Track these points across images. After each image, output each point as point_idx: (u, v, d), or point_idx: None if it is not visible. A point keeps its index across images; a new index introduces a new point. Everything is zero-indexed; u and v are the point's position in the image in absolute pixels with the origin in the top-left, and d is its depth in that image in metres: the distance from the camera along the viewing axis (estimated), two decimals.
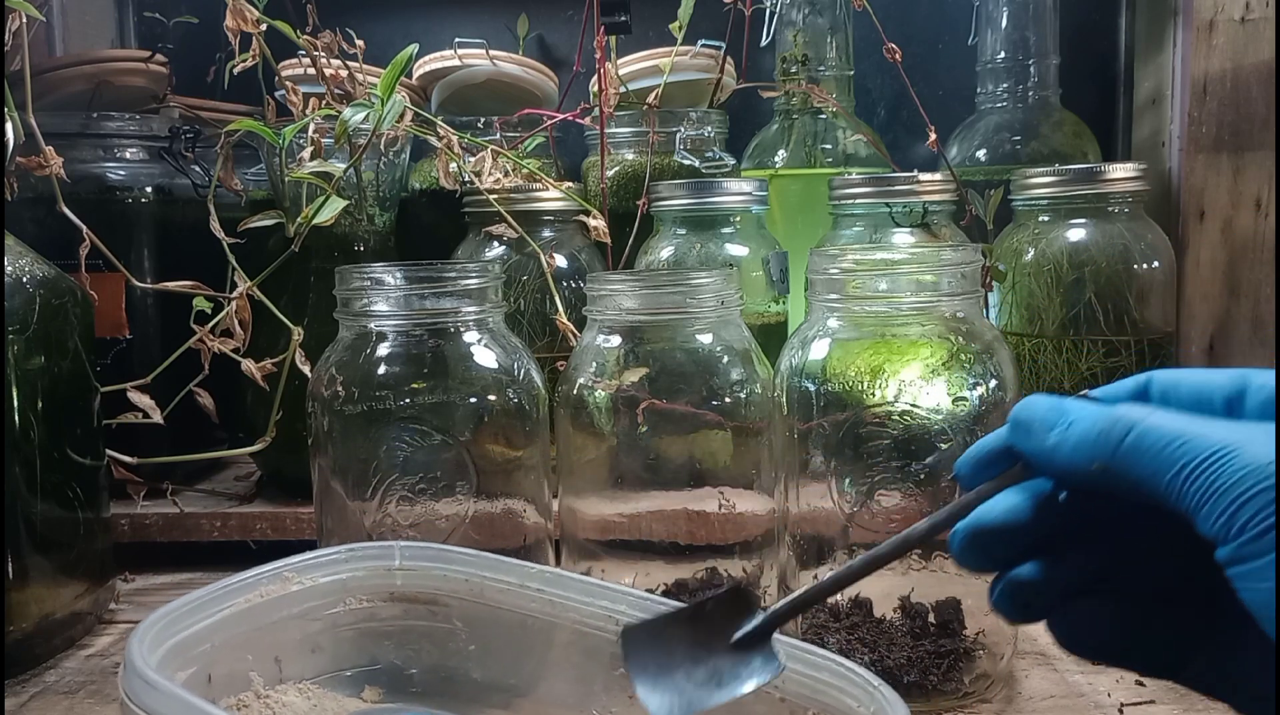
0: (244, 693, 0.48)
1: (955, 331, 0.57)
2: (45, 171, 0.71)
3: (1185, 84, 0.98)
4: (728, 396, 0.60)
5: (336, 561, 0.52)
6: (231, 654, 0.48)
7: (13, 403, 0.60)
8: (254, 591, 0.49)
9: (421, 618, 0.53)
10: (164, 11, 1.08)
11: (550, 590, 0.50)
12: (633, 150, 0.89)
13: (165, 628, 0.44)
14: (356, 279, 0.60)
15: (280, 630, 0.50)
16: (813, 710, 0.43)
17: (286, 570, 0.50)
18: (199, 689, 0.46)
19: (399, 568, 0.53)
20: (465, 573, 0.52)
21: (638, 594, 0.48)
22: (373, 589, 0.53)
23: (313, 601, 0.51)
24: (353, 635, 0.52)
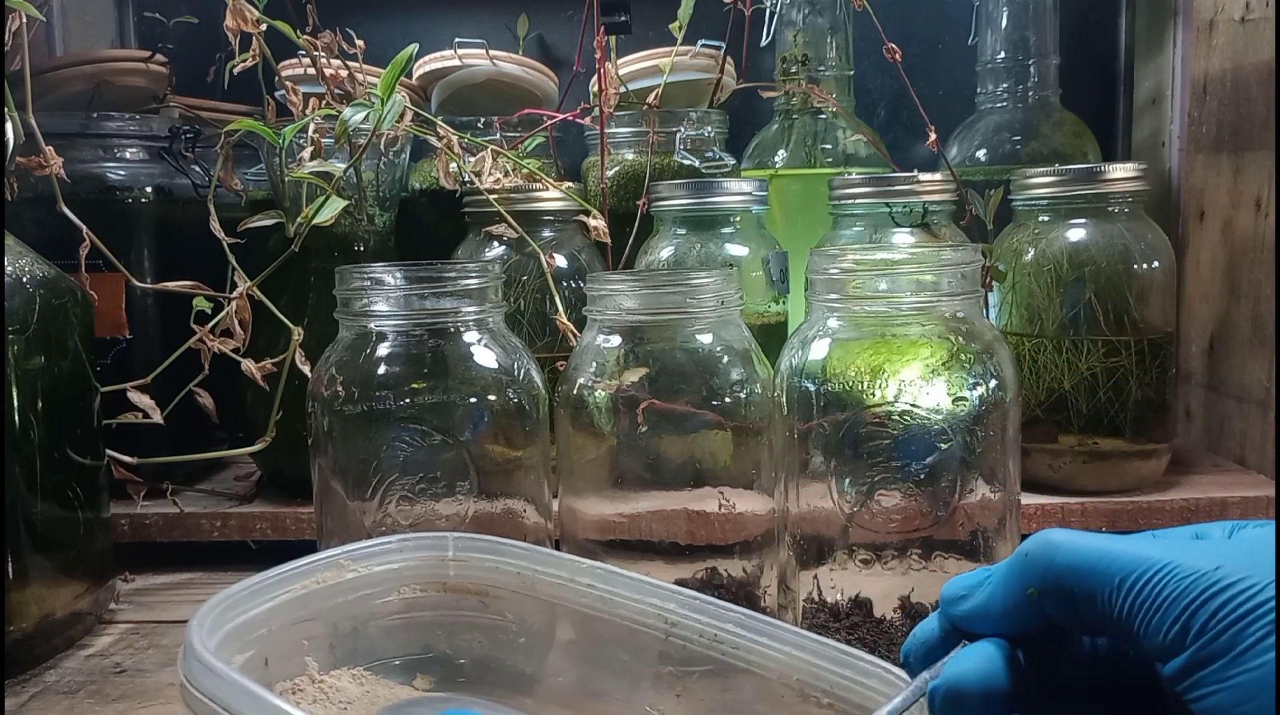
0: (299, 677, 0.49)
1: (955, 331, 0.57)
2: (45, 171, 0.71)
3: (1185, 84, 0.98)
4: (728, 396, 0.60)
5: (390, 551, 0.53)
6: (287, 639, 0.49)
7: (13, 403, 0.60)
8: (310, 578, 0.50)
9: (473, 609, 0.53)
10: (164, 11, 1.08)
11: (601, 586, 0.50)
12: (633, 150, 0.89)
13: (224, 612, 0.45)
14: (356, 279, 0.60)
15: (335, 616, 0.51)
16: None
17: (342, 558, 0.51)
18: (256, 672, 0.46)
19: (452, 558, 0.53)
20: (517, 566, 0.52)
21: (688, 593, 0.48)
22: (426, 579, 0.53)
23: (367, 589, 0.51)
24: (405, 624, 0.53)
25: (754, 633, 0.45)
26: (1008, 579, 0.32)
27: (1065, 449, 0.79)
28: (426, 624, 0.53)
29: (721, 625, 0.46)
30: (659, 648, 0.48)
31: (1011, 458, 0.58)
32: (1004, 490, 0.57)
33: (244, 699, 0.37)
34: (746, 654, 0.45)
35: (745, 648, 0.45)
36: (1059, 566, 0.30)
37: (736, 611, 0.46)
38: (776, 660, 0.44)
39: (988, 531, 0.57)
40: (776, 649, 0.44)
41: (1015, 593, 0.31)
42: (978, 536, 0.57)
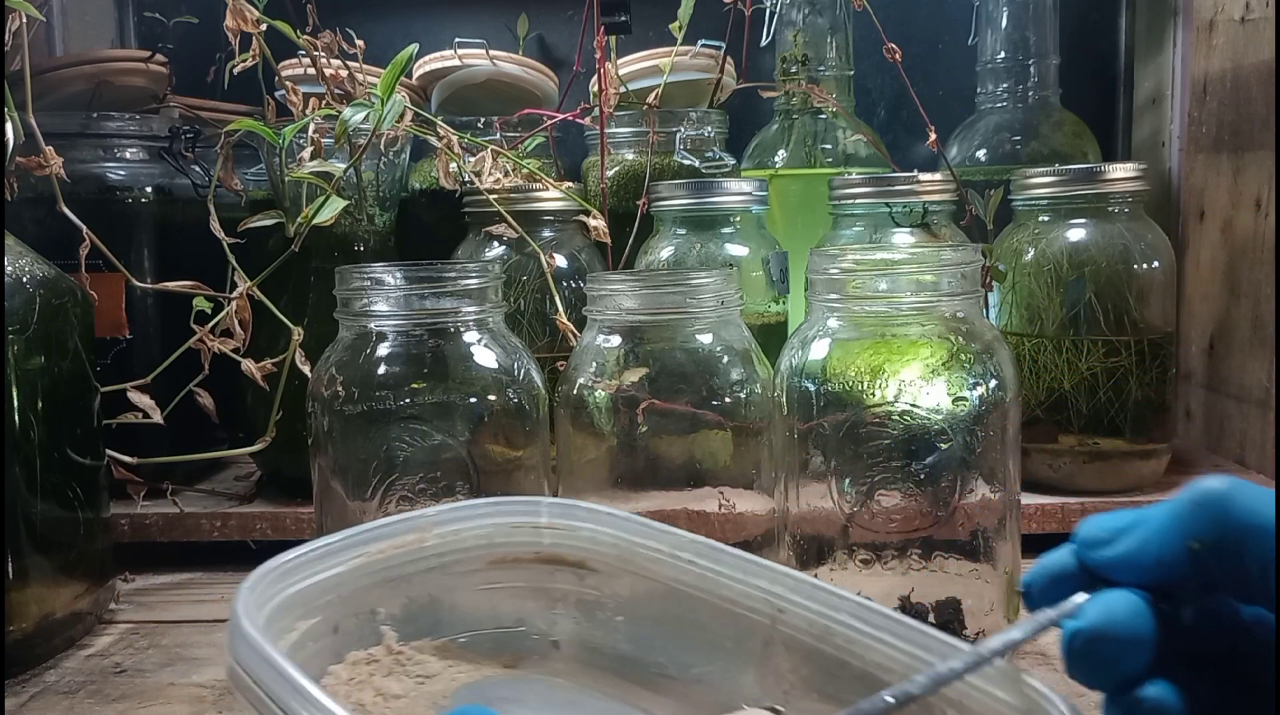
0: (374, 647, 0.45)
1: (955, 331, 0.57)
2: (45, 171, 0.71)
3: (1185, 84, 0.98)
4: (728, 396, 0.60)
5: (479, 515, 0.48)
6: (361, 605, 0.45)
7: (13, 403, 0.60)
8: (388, 541, 0.45)
9: (569, 582, 0.48)
10: (164, 11, 1.08)
11: (703, 562, 0.45)
12: (633, 150, 0.89)
13: (284, 575, 0.41)
14: (356, 279, 0.60)
15: (416, 584, 0.46)
16: None
17: (425, 521, 0.47)
18: (323, 639, 0.43)
19: (546, 525, 0.49)
20: (615, 536, 0.47)
21: (799, 576, 0.43)
22: (519, 546, 0.48)
23: (453, 555, 0.47)
24: (494, 594, 0.48)
25: (871, 626, 0.40)
26: (1166, 527, 0.29)
27: (1065, 449, 0.79)
28: (518, 595, 0.48)
29: (834, 615, 0.41)
30: (764, 635, 0.43)
31: (1011, 458, 0.58)
32: (1004, 490, 0.57)
33: (277, 677, 0.33)
34: (862, 650, 0.41)
35: (860, 643, 0.41)
36: (1235, 522, 0.27)
37: (851, 600, 0.41)
38: (896, 660, 0.39)
39: (988, 531, 0.57)
40: (898, 647, 0.40)
41: (1173, 543, 0.29)
42: (978, 536, 0.57)
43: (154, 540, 0.78)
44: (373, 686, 0.43)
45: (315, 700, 0.32)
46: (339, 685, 0.43)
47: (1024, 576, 0.33)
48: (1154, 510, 0.30)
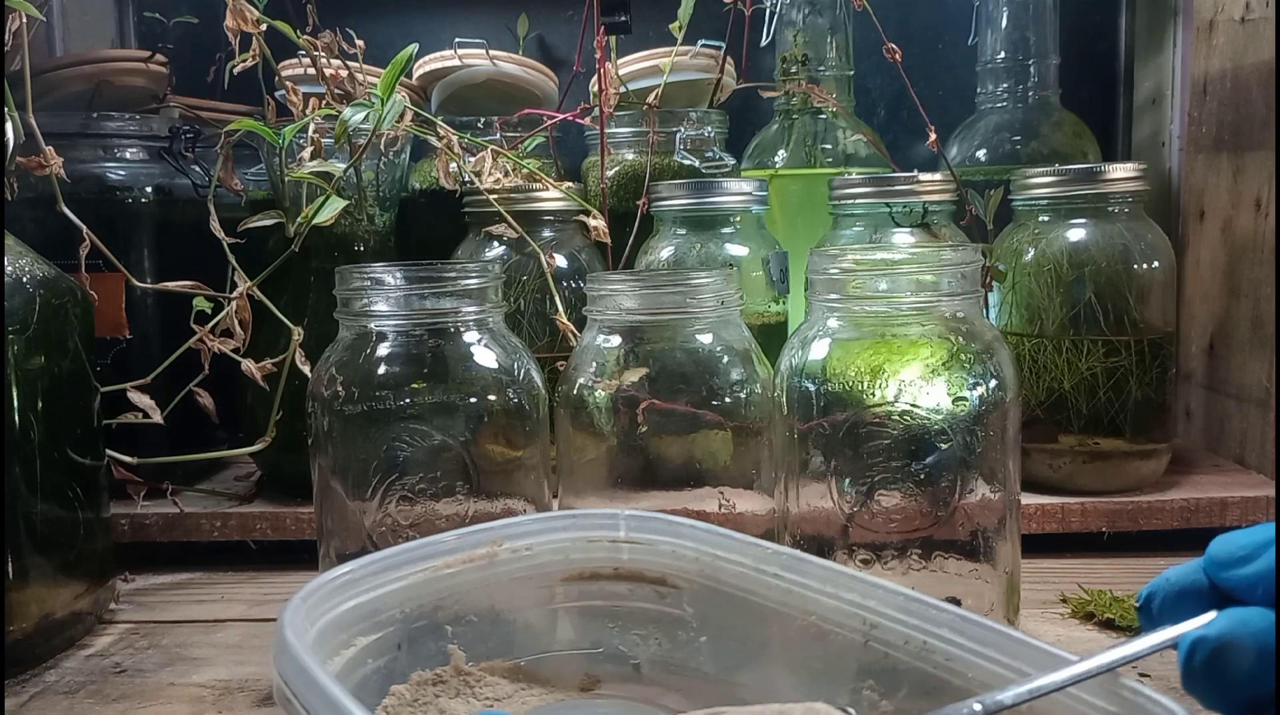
0: (441, 667, 0.43)
1: (955, 331, 0.57)
2: (45, 171, 0.71)
3: (1185, 84, 0.98)
4: (728, 396, 0.60)
5: (556, 528, 0.46)
6: (428, 622, 0.43)
7: (13, 403, 0.60)
8: (458, 555, 0.44)
9: (649, 600, 0.46)
10: (164, 11, 1.08)
11: (789, 576, 0.43)
12: (633, 150, 0.89)
13: (342, 587, 0.40)
14: (356, 279, 0.60)
15: (487, 601, 0.44)
16: None
17: (496, 534, 0.45)
18: (385, 656, 0.41)
19: (625, 540, 0.47)
20: (696, 550, 0.45)
21: (892, 587, 0.41)
22: (597, 562, 0.46)
23: (527, 572, 0.45)
24: (571, 613, 0.47)
25: (974, 641, 0.37)
26: None
27: (1065, 449, 0.79)
28: (596, 614, 0.46)
29: (934, 629, 0.39)
30: (857, 655, 0.41)
31: (1011, 458, 0.58)
32: (1004, 490, 0.57)
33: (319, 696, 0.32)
34: (964, 667, 0.37)
35: (961, 660, 0.38)
36: None
37: (950, 612, 0.39)
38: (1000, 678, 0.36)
39: (988, 531, 0.57)
40: (1002, 662, 0.36)
41: None
42: (978, 536, 0.57)
43: (154, 540, 0.78)
44: (438, 708, 0.42)
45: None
46: (402, 706, 0.41)
47: (1145, 589, 0.31)
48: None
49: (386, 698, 0.41)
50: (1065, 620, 0.65)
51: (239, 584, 0.76)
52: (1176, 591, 0.30)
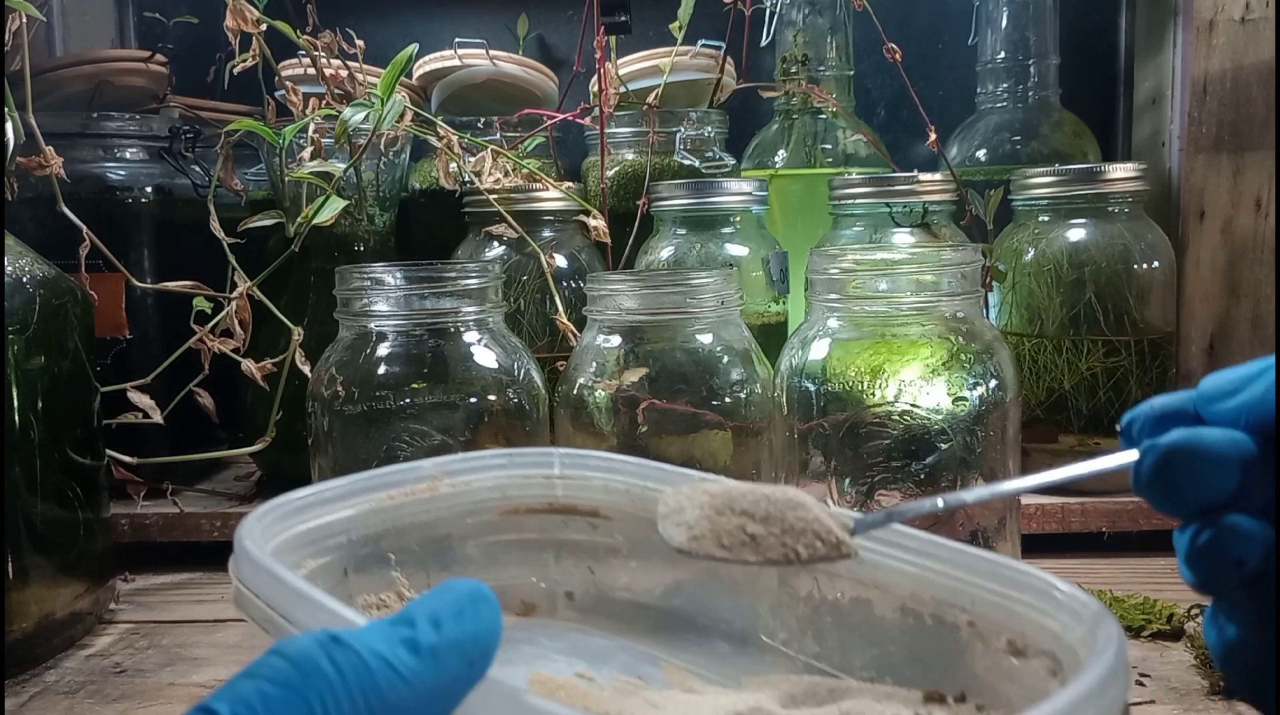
0: (385, 592, 0.45)
1: (955, 331, 0.57)
2: (45, 171, 0.71)
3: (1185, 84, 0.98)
4: (728, 396, 0.60)
5: (494, 466, 0.48)
6: (372, 550, 0.45)
7: (13, 403, 0.60)
8: (399, 489, 0.45)
9: (582, 531, 0.49)
10: (164, 11, 1.08)
11: None
12: (633, 150, 0.89)
13: (292, 513, 0.41)
14: (356, 279, 0.60)
15: (428, 533, 0.46)
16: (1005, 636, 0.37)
17: (436, 470, 0.47)
18: (332, 580, 0.43)
19: (559, 476, 0.49)
20: (627, 483, 0.47)
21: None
22: (533, 497, 0.48)
23: (466, 505, 0.47)
24: (507, 545, 0.48)
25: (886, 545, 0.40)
26: None
27: (1065, 449, 0.79)
28: (532, 546, 0.49)
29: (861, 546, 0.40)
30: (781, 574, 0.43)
31: (1011, 458, 0.58)
32: None
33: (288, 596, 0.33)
34: (877, 571, 0.40)
35: (876, 564, 0.40)
36: None
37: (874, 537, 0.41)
38: (910, 576, 0.39)
39: (988, 531, 0.57)
40: (910, 562, 0.39)
41: None
42: (978, 536, 0.57)
43: (154, 540, 0.78)
44: None
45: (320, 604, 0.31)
46: None
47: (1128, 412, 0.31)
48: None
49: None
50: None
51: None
52: (1159, 415, 0.30)
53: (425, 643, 0.23)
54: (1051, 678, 0.34)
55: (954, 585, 0.38)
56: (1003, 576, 0.37)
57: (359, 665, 0.21)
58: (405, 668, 0.22)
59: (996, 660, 0.37)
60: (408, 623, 0.23)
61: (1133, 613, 0.63)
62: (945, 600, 0.39)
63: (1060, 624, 0.34)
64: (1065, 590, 0.35)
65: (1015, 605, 0.36)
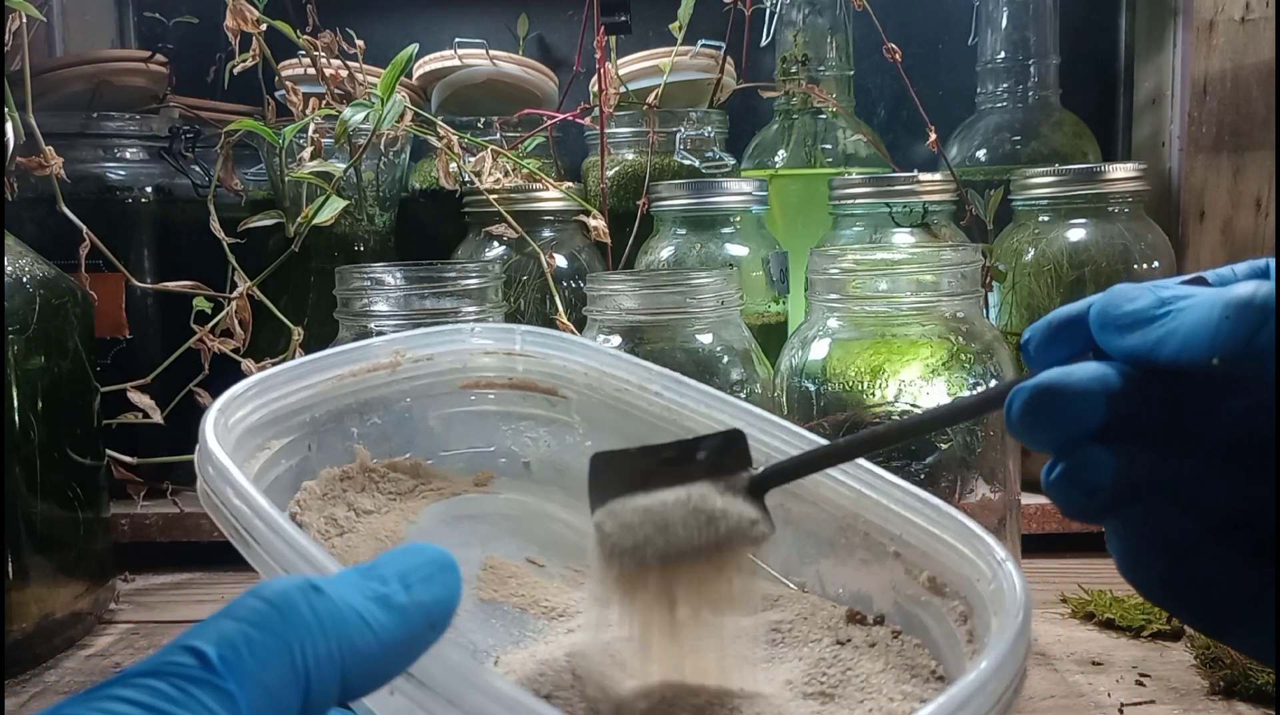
0: (348, 465, 0.46)
1: (955, 331, 0.57)
2: (45, 171, 0.71)
3: (1185, 84, 0.97)
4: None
5: (456, 341, 0.50)
6: (335, 425, 0.46)
7: (13, 403, 0.60)
8: (364, 364, 0.47)
9: (540, 407, 0.50)
10: (164, 11, 1.08)
11: (668, 394, 0.47)
12: (633, 150, 0.89)
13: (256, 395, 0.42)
14: (356, 279, 0.60)
15: (390, 406, 0.48)
16: (927, 573, 0.39)
17: (398, 345, 0.48)
18: (297, 456, 0.44)
19: (520, 352, 0.50)
20: (585, 365, 0.49)
21: (757, 412, 0.44)
22: (493, 372, 0.50)
23: (427, 379, 0.48)
24: (468, 417, 0.50)
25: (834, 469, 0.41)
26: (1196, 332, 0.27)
27: None
28: (491, 417, 0.50)
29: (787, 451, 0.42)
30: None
31: (1011, 458, 0.58)
32: (1004, 490, 0.57)
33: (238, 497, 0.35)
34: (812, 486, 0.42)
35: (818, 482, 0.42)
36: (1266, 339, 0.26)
37: (806, 437, 0.42)
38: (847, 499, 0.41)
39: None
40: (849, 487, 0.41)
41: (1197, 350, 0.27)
42: None
43: (154, 540, 0.78)
44: (345, 502, 0.45)
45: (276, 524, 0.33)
46: (312, 500, 0.44)
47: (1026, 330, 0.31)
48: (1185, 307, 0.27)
49: (298, 493, 0.44)
50: (1065, 620, 0.65)
51: (239, 584, 0.76)
52: (1054, 329, 0.30)
53: (396, 601, 0.24)
54: (962, 622, 0.37)
55: (885, 515, 0.40)
56: (931, 517, 0.39)
57: (335, 614, 0.22)
58: (376, 622, 0.23)
59: (916, 593, 0.39)
60: (380, 579, 0.24)
61: (1133, 613, 0.63)
62: (877, 527, 0.41)
63: (978, 574, 0.36)
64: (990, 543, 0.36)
65: (940, 546, 0.38)
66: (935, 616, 0.38)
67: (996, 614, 0.33)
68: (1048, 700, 0.56)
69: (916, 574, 0.39)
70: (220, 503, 0.35)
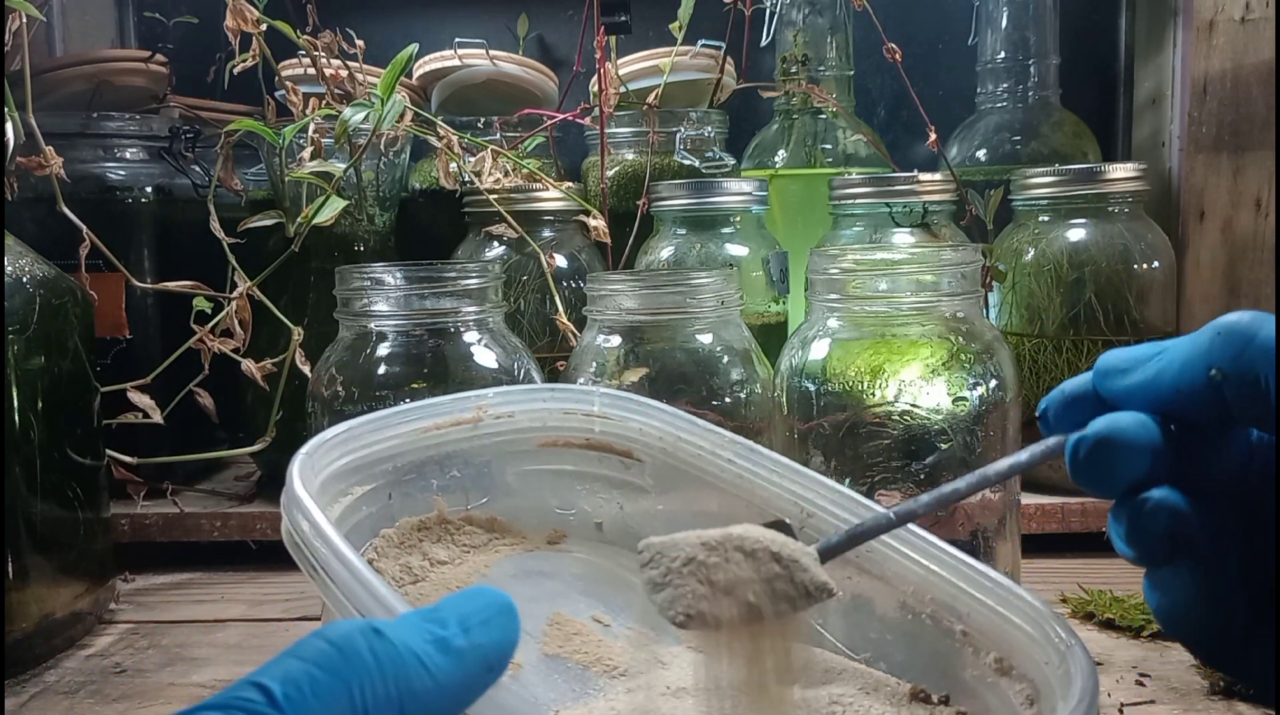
0: (426, 515, 0.47)
1: (955, 331, 0.57)
2: (45, 171, 0.71)
3: (1185, 84, 0.98)
4: (728, 396, 0.60)
5: (537, 399, 0.50)
6: (416, 476, 0.47)
7: (13, 403, 0.60)
8: (447, 418, 0.48)
9: (615, 469, 0.51)
10: (164, 11, 1.08)
11: (741, 462, 0.47)
12: (633, 150, 0.89)
13: (341, 443, 0.43)
14: (356, 279, 0.60)
15: (470, 460, 0.49)
16: (994, 653, 0.39)
17: (481, 402, 0.49)
18: (378, 504, 0.45)
19: (598, 414, 0.51)
20: (660, 429, 0.50)
21: (829, 484, 0.45)
22: (571, 432, 0.51)
23: (507, 436, 0.49)
24: (544, 476, 0.51)
25: (893, 538, 0.42)
26: (1187, 356, 0.29)
27: None
28: (567, 477, 0.51)
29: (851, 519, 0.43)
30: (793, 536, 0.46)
31: None
32: (1004, 490, 0.57)
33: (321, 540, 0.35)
34: (881, 560, 0.42)
35: (880, 553, 0.42)
36: (1258, 348, 0.28)
37: (873, 510, 0.43)
38: (915, 576, 0.42)
39: (988, 531, 0.57)
40: (914, 559, 0.42)
41: (1193, 372, 0.29)
42: (978, 536, 0.57)
43: (154, 540, 0.78)
44: (421, 551, 0.46)
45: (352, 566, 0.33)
46: (389, 547, 0.45)
47: (1042, 400, 0.33)
48: (1176, 341, 0.30)
49: (376, 539, 0.45)
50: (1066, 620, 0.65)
51: (239, 584, 0.76)
52: (1067, 400, 0.32)
53: (454, 644, 0.25)
54: (1029, 706, 0.37)
55: (954, 592, 0.40)
56: (1000, 596, 0.39)
57: (395, 657, 0.23)
58: (434, 665, 0.24)
59: (983, 673, 0.39)
60: (440, 622, 0.25)
61: (1133, 613, 0.63)
62: (944, 605, 0.41)
63: (1045, 657, 0.36)
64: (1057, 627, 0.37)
65: (1008, 627, 0.38)
66: (1001, 698, 0.38)
67: (1064, 698, 0.34)
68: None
69: (983, 654, 0.39)
70: (301, 543, 0.36)
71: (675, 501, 0.50)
